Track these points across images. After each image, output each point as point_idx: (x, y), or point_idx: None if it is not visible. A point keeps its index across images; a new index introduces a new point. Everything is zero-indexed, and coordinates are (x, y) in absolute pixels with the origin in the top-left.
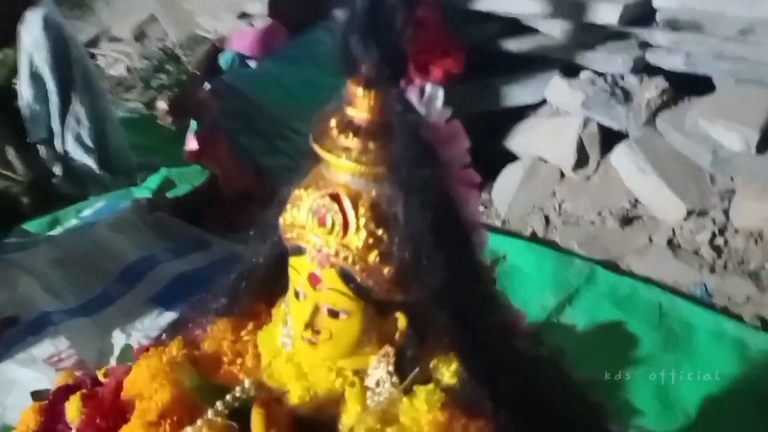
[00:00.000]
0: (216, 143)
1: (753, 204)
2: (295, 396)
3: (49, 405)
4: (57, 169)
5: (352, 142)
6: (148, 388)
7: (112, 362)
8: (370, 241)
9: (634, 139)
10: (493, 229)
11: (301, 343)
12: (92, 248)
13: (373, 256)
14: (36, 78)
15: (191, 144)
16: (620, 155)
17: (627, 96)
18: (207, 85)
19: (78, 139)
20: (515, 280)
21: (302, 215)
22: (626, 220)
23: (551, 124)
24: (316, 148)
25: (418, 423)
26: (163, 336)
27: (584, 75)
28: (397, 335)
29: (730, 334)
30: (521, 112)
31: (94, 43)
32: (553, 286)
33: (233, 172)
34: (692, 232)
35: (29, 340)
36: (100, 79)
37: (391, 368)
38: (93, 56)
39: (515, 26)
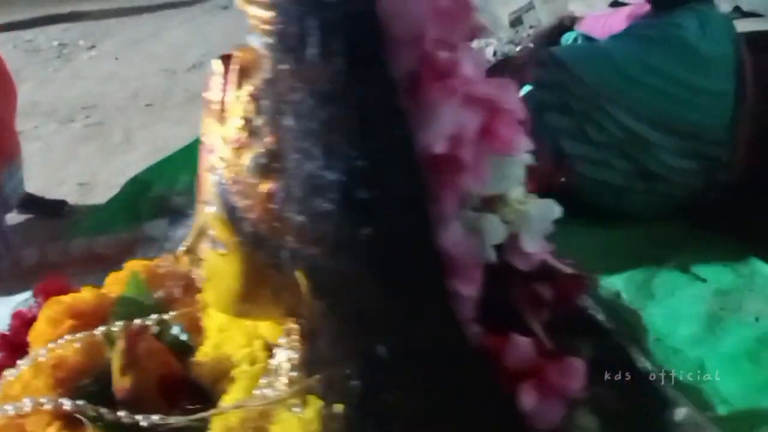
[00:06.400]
0: None
1: None
2: (201, 351)
3: None
4: None
5: None
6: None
7: None
8: (243, 134)
9: None
10: None
11: None
12: None
13: (245, 160)
14: None
15: None
16: None
17: None
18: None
19: None
20: None
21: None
22: None
23: None
24: None
25: None
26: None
27: None
28: (301, 306)
29: None
30: None
31: None
32: None
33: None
34: None
35: None
36: None
37: (293, 354)
38: None
39: None
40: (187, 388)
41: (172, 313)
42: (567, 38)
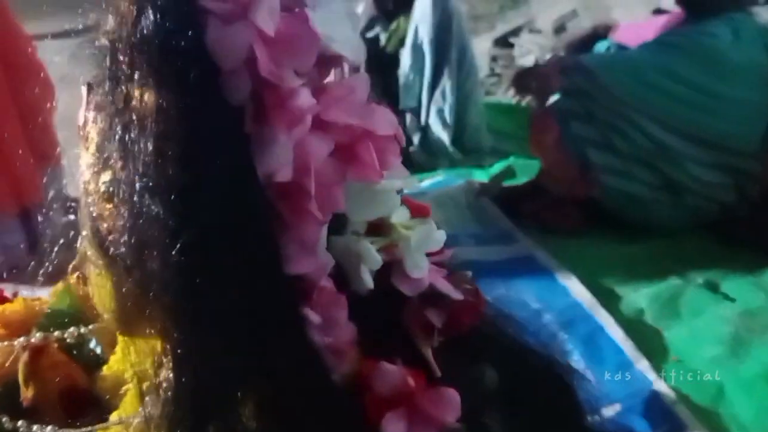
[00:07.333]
0: (546, 127)
1: None
2: (107, 366)
3: None
4: (416, 139)
5: None
6: None
7: None
8: (94, 157)
9: None
10: None
11: None
12: None
13: (96, 184)
14: (417, 49)
15: None
16: None
17: None
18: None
19: (439, 113)
20: None
21: None
22: None
23: None
24: None
25: None
26: None
27: None
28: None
29: None
30: None
31: (516, 32)
32: None
33: (558, 163)
34: None
35: None
36: (474, 59)
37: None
38: (510, 45)
39: None
40: (91, 401)
41: (90, 327)
42: (600, 47)
